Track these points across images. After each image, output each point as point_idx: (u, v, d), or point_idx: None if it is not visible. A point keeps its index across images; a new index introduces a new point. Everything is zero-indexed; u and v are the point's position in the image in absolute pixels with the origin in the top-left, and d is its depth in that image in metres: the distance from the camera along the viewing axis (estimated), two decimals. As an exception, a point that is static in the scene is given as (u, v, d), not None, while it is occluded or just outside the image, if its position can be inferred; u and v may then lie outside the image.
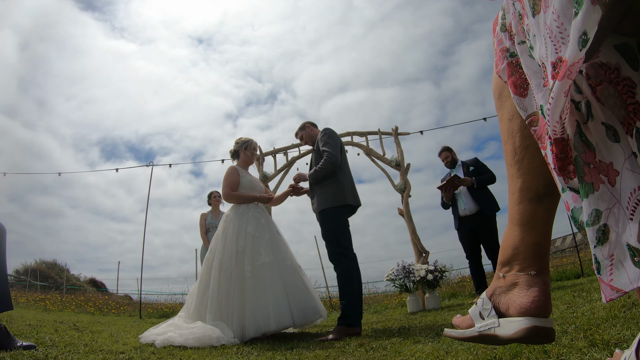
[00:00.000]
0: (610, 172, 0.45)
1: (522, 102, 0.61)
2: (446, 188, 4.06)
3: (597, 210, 0.45)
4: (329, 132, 2.81)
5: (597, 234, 0.45)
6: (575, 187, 0.50)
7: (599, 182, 0.46)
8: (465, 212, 4.02)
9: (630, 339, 1.05)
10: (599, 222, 0.45)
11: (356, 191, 2.85)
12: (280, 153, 5.92)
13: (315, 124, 3.12)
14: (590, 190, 0.46)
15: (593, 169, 0.46)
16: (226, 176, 2.85)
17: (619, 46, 0.46)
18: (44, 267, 15.28)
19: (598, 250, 0.45)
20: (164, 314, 6.13)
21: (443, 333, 0.80)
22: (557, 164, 0.50)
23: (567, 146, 0.49)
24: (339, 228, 2.61)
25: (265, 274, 2.45)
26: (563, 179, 0.51)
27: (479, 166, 4.09)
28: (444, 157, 4.34)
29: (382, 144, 5.59)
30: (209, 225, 4.72)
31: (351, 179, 2.84)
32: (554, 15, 0.43)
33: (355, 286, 2.48)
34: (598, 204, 0.45)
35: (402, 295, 4.94)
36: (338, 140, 2.81)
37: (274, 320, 2.29)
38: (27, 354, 1.60)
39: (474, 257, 4.04)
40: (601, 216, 0.45)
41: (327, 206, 2.64)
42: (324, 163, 2.66)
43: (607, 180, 0.45)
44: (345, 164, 2.86)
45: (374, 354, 1.50)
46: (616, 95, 0.45)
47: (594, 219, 0.46)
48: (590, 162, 0.47)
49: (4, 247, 1.84)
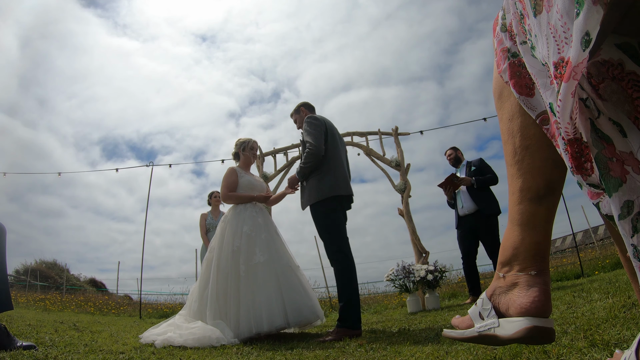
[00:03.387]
0: (632, 160, 0.45)
1: (530, 101, 0.61)
2: (446, 187, 4.08)
3: (628, 201, 0.46)
4: (309, 120, 2.64)
5: (633, 223, 0.45)
6: (595, 183, 0.51)
7: (625, 174, 0.46)
8: (464, 211, 4.03)
9: (630, 339, 1.05)
10: (633, 211, 0.45)
11: (348, 180, 2.66)
12: (280, 153, 5.92)
13: (313, 107, 2.93)
14: (619, 184, 0.46)
15: (616, 162, 0.46)
16: (224, 177, 2.87)
17: (620, 45, 0.47)
18: (44, 267, 15.28)
19: (636, 239, 0.45)
20: (164, 314, 6.13)
21: (442, 333, 0.80)
22: (573, 163, 0.51)
23: (582, 145, 0.49)
24: (329, 223, 2.48)
25: (258, 274, 2.44)
26: (582, 176, 0.51)
27: (483, 166, 4.10)
28: (448, 155, 4.41)
29: (382, 144, 5.59)
30: (209, 225, 4.72)
31: (342, 167, 2.63)
32: (558, 14, 0.43)
33: (354, 287, 2.36)
34: (628, 194, 0.46)
35: (402, 295, 4.94)
36: (321, 127, 2.61)
37: (266, 320, 2.27)
38: (27, 354, 1.60)
39: (468, 257, 4.06)
40: (633, 206, 0.45)
41: (313, 201, 2.51)
42: (305, 157, 2.54)
43: (632, 169, 0.45)
44: (335, 150, 2.65)
45: (374, 354, 1.50)
46: (620, 91, 0.45)
47: (627, 211, 0.46)
48: (613, 156, 0.47)
49: (4, 247, 1.84)
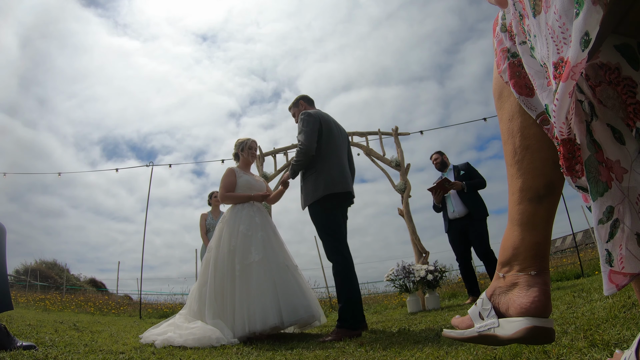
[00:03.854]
0: (617, 169, 0.46)
1: (530, 101, 0.61)
2: (436, 191, 4.11)
3: (610, 207, 0.46)
4: (303, 116, 2.57)
5: (610, 229, 0.46)
6: (583, 186, 0.51)
7: (610, 180, 0.47)
8: (454, 215, 4.07)
9: (630, 339, 1.04)
10: (612, 217, 0.46)
11: (348, 177, 2.59)
12: (280, 153, 5.92)
13: (312, 100, 2.87)
14: (605, 189, 0.47)
15: (605, 167, 0.47)
16: (222, 178, 2.89)
17: (619, 46, 0.46)
18: (44, 267, 15.28)
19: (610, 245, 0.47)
20: (164, 314, 6.13)
21: (442, 333, 0.80)
22: (564, 164, 0.51)
23: (575, 146, 0.50)
24: (326, 223, 2.45)
25: (253, 273, 2.44)
26: (571, 178, 0.52)
27: (470, 170, 4.16)
28: (434, 159, 4.45)
29: (382, 144, 5.60)
30: (209, 225, 4.72)
31: (340, 164, 2.56)
32: (556, 15, 0.43)
33: (352, 287, 2.33)
34: (611, 200, 0.46)
35: (402, 295, 4.93)
36: (314, 124, 2.53)
37: (259, 319, 2.26)
38: (27, 354, 1.60)
39: (463, 260, 4.11)
40: (613, 212, 0.46)
41: (310, 201, 2.49)
42: (296, 156, 2.52)
43: (615, 177, 0.46)
44: (331, 147, 2.57)
45: (374, 354, 1.50)
46: (615, 96, 0.46)
47: (607, 216, 0.47)
48: (603, 161, 0.47)
49: (4, 247, 1.84)
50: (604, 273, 0.47)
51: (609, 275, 0.47)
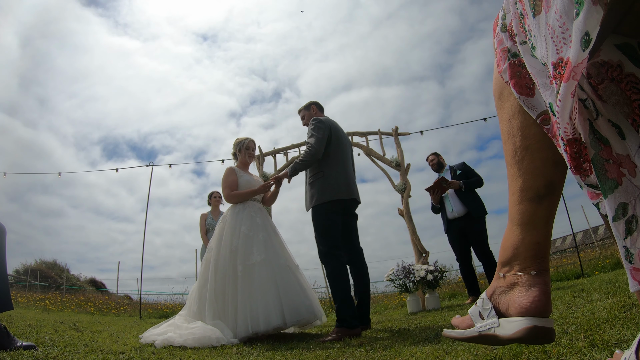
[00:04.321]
0: (629, 163, 0.46)
1: (530, 101, 0.61)
2: (434, 190, 4.11)
3: (623, 203, 0.46)
4: (315, 122, 2.67)
5: (627, 225, 0.46)
6: (593, 184, 0.51)
7: (621, 176, 0.46)
8: (453, 214, 4.07)
9: (630, 339, 1.04)
10: (627, 214, 0.46)
11: (352, 184, 2.70)
12: (280, 153, 5.92)
13: (323, 108, 2.98)
14: (614, 186, 0.47)
15: (613, 164, 0.47)
16: (224, 179, 2.88)
17: (620, 45, 0.47)
18: (44, 267, 15.28)
19: (628, 241, 0.46)
20: (164, 314, 6.13)
21: (442, 333, 0.80)
22: (572, 164, 0.51)
23: (581, 145, 0.50)
24: (326, 226, 2.52)
25: (255, 273, 2.44)
26: (580, 177, 0.51)
27: (467, 170, 4.16)
28: (430, 160, 4.45)
29: (382, 144, 5.60)
30: (209, 225, 4.72)
31: (346, 171, 2.67)
32: (557, 15, 0.43)
33: (346, 287, 2.40)
34: (624, 197, 0.46)
35: (402, 295, 4.94)
36: (325, 131, 2.64)
37: (262, 319, 2.27)
38: (27, 354, 1.60)
39: (464, 259, 4.11)
40: (628, 208, 0.46)
41: (315, 203, 2.56)
42: (303, 155, 2.59)
43: (628, 172, 0.46)
44: (339, 154, 2.69)
45: (374, 354, 1.50)
46: (619, 93, 0.46)
47: (622, 213, 0.46)
48: (609, 158, 0.47)
49: (4, 247, 1.84)
50: (627, 270, 0.46)
51: (631, 273, 0.46)
